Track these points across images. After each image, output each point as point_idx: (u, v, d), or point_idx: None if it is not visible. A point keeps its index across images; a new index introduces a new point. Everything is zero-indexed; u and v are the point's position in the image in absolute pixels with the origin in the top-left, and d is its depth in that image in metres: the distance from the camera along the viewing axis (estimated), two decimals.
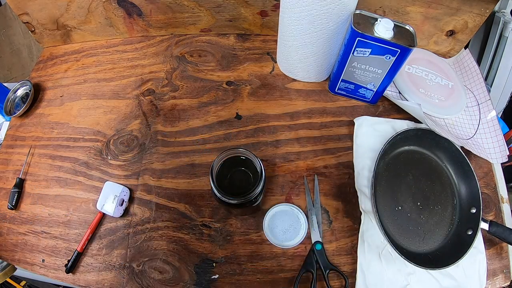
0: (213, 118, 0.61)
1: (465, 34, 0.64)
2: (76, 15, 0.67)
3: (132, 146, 0.59)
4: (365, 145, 0.57)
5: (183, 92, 0.64)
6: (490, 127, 0.60)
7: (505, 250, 0.52)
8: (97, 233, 0.53)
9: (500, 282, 0.50)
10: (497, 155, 0.57)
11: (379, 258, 0.49)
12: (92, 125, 0.62)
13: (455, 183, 0.54)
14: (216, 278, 0.48)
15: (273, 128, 0.60)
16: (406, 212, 0.51)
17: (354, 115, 0.60)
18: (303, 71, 0.62)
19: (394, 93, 0.63)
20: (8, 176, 0.59)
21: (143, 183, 0.56)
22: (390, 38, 0.47)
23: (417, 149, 0.57)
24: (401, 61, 0.50)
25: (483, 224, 0.49)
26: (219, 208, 0.53)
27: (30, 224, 0.55)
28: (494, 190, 0.57)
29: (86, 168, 0.58)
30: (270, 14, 0.66)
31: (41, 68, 0.72)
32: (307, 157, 0.57)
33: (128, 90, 0.65)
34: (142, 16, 0.68)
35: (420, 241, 0.50)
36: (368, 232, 0.50)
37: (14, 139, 0.64)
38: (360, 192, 0.53)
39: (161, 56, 0.69)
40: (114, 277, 0.50)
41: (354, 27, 0.47)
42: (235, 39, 0.71)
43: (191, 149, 0.58)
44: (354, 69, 0.55)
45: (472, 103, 0.64)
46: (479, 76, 0.65)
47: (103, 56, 0.71)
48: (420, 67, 0.64)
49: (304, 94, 0.63)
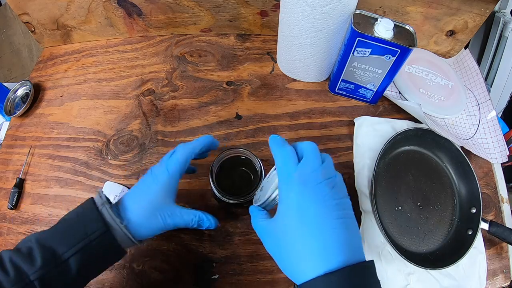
0: (213, 118, 0.61)
1: (465, 34, 0.64)
2: (76, 15, 0.67)
3: (132, 146, 0.59)
4: (365, 145, 0.57)
5: (183, 92, 0.64)
6: (490, 127, 0.60)
7: (505, 250, 0.52)
8: None
9: (500, 282, 0.50)
10: (497, 155, 0.57)
11: (379, 258, 0.49)
12: (92, 125, 0.62)
13: (455, 183, 0.54)
14: (216, 278, 0.48)
15: (273, 128, 0.60)
16: (406, 212, 0.51)
17: (354, 115, 0.60)
18: (303, 71, 0.62)
19: (394, 93, 0.63)
20: (8, 176, 0.59)
21: None
22: (390, 38, 0.47)
23: (417, 149, 0.57)
24: (401, 61, 0.50)
25: (483, 224, 0.49)
26: (219, 208, 0.53)
27: (30, 224, 0.55)
28: (494, 190, 0.57)
29: (86, 168, 0.58)
30: (270, 14, 0.66)
31: (41, 68, 0.72)
32: None
33: (128, 90, 0.65)
34: (142, 16, 0.68)
35: (420, 241, 0.50)
36: (368, 232, 0.50)
37: (14, 139, 0.64)
38: (360, 192, 0.53)
39: (161, 56, 0.69)
40: (114, 277, 0.50)
41: (354, 27, 0.47)
42: (235, 39, 0.71)
43: None
44: (354, 69, 0.55)
45: (472, 103, 0.64)
46: (479, 76, 0.65)
47: (103, 56, 0.71)
48: (420, 67, 0.64)
49: (304, 94, 0.63)
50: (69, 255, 0.36)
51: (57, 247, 0.36)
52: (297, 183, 0.32)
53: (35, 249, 0.35)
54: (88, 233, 0.37)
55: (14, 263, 0.35)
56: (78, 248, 0.36)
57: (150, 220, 0.40)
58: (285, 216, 0.32)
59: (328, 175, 0.33)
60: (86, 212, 0.39)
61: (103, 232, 0.37)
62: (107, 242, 0.38)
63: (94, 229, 0.37)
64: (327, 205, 0.31)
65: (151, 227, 0.40)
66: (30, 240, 0.37)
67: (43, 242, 0.36)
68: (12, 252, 0.36)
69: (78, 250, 0.36)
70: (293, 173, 0.32)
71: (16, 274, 0.34)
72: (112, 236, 0.38)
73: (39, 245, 0.36)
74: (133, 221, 0.39)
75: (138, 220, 0.39)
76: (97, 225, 0.37)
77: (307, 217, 0.31)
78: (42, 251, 0.35)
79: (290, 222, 0.32)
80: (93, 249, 0.37)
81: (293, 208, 0.31)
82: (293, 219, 0.31)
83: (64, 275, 0.36)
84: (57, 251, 0.36)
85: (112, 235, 0.38)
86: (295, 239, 0.31)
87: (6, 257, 0.35)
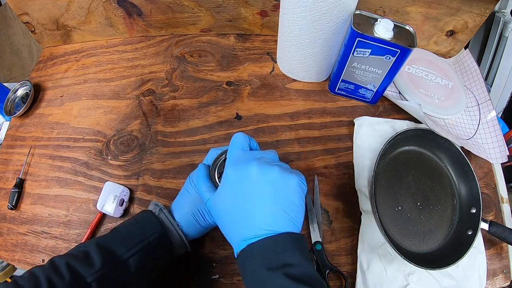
0: (213, 118, 0.61)
1: (465, 34, 0.64)
2: (76, 15, 0.67)
3: (132, 146, 0.59)
4: (365, 145, 0.57)
5: (183, 92, 0.64)
6: (490, 127, 0.60)
7: (505, 250, 0.52)
8: (97, 233, 0.53)
9: (500, 282, 0.50)
10: (497, 155, 0.57)
11: (379, 258, 0.49)
12: (92, 125, 0.62)
13: (455, 183, 0.54)
14: (216, 278, 0.48)
15: (273, 128, 0.60)
16: (406, 212, 0.51)
17: (354, 115, 0.60)
18: (303, 71, 0.62)
19: (394, 93, 0.63)
20: (8, 176, 0.59)
21: (143, 183, 0.56)
22: (390, 39, 0.47)
23: (417, 149, 0.57)
24: (401, 61, 0.50)
25: (483, 224, 0.49)
26: None
27: (30, 224, 0.55)
28: (494, 190, 0.57)
29: (86, 168, 0.58)
30: (270, 14, 0.66)
31: (41, 68, 0.72)
32: (307, 157, 0.57)
33: (128, 90, 0.65)
34: (142, 16, 0.68)
35: (420, 241, 0.50)
36: (368, 232, 0.50)
37: (14, 139, 0.64)
38: (360, 192, 0.53)
39: (161, 56, 0.69)
40: None
41: (354, 27, 0.47)
42: (235, 39, 0.71)
43: (191, 149, 0.58)
44: (354, 69, 0.55)
45: (472, 103, 0.64)
46: (479, 76, 0.65)
47: (103, 56, 0.71)
48: (420, 67, 0.64)
49: (304, 94, 0.63)
50: (129, 256, 0.38)
51: (117, 249, 0.38)
52: (233, 161, 0.36)
53: (93, 252, 0.37)
54: (148, 235, 0.40)
55: (71, 267, 0.35)
56: (138, 249, 0.38)
57: (194, 220, 0.43)
58: (220, 189, 0.36)
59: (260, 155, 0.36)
60: (145, 217, 0.42)
61: (161, 234, 0.40)
62: (164, 243, 0.41)
63: (153, 231, 0.40)
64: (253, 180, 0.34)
65: (196, 226, 0.44)
66: (86, 245, 0.38)
67: (102, 245, 0.38)
68: (67, 256, 0.36)
69: (138, 250, 0.38)
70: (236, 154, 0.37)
71: (72, 277, 0.34)
72: (168, 237, 0.41)
73: (98, 248, 0.37)
74: (181, 224, 0.43)
75: (183, 221, 0.43)
76: (156, 228, 0.41)
77: (237, 191, 0.34)
78: (101, 254, 0.36)
79: (223, 196, 0.36)
80: (151, 251, 0.39)
81: (227, 183, 0.36)
82: (225, 192, 0.36)
83: (121, 276, 0.37)
84: (117, 252, 0.38)
85: (168, 237, 0.41)
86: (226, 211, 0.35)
87: (60, 262, 0.35)
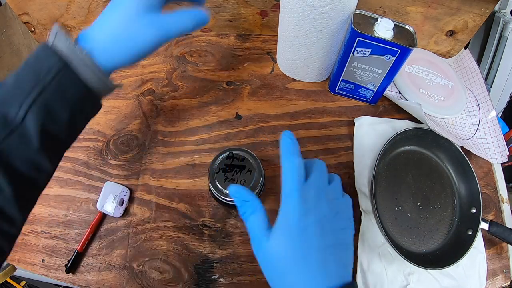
0: (213, 118, 0.61)
1: (465, 34, 0.64)
2: (76, 15, 0.67)
3: (132, 146, 0.59)
4: (365, 145, 0.57)
5: (183, 92, 0.64)
6: (490, 127, 0.60)
7: (505, 250, 0.52)
8: (97, 233, 0.53)
9: (500, 282, 0.50)
10: (497, 155, 0.57)
11: (379, 258, 0.49)
12: (92, 125, 0.62)
13: (455, 183, 0.54)
14: (216, 278, 0.48)
15: (273, 128, 0.60)
16: (406, 212, 0.51)
17: (354, 115, 0.60)
18: (303, 71, 0.62)
19: (394, 93, 0.63)
20: None
21: (143, 183, 0.56)
22: (390, 38, 0.47)
23: (417, 149, 0.57)
24: (401, 61, 0.50)
25: (483, 224, 0.49)
26: (219, 208, 0.53)
27: (30, 224, 0.55)
28: (494, 190, 0.57)
29: (86, 168, 0.58)
30: (270, 14, 0.66)
31: None
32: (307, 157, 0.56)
33: (128, 90, 0.65)
34: None
35: (420, 241, 0.50)
36: (368, 232, 0.50)
37: None
38: (360, 192, 0.53)
39: (161, 56, 0.69)
40: (114, 277, 0.50)
41: (354, 27, 0.47)
42: (235, 39, 0.71)
43: (191, 149, 0.58)
44: (354, 69, 0.55)
45: (472, 103, 0.64)
46: (479, 76, 0.65)
47: None
48: (420, 67, 0.64)
49: (304, 94, 0.63)
50: (23, 114, 0.27)
51: (7, 111, 0.27)
52: (300, 201, 0.30)
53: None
54: (41, 76, 0.28)
55: None
56: (31, 100, 0.27)
57: (121, 38, 0.32)
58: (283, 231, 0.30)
59: (334, 196, 0.32)
60: (37, 53, 0.30)
61: (59, 69, 0.28)
62: (69, 82, 0.29)
63: (48, 68, 0.28)
64: (323, 232, 0.30)
65: (124, 46, 0.32)
66: None
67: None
68: None
69: (32, 102, 0.27)
70: (298, 189, 0.31)
71: None
72: (72, 72, 0.29)
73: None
74: (96, 47, 0.31)
75: (103, 44, 0.31)
76: (52, 62, 0.28)
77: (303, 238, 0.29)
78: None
79: (286, 239, 0.30)
80: (52, 97, 0.28)
81: (292, 226, 0.30)
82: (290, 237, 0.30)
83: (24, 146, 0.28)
84: (8, 115, 0.27)
85: (72, 71, 0.29)
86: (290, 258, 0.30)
87: None
